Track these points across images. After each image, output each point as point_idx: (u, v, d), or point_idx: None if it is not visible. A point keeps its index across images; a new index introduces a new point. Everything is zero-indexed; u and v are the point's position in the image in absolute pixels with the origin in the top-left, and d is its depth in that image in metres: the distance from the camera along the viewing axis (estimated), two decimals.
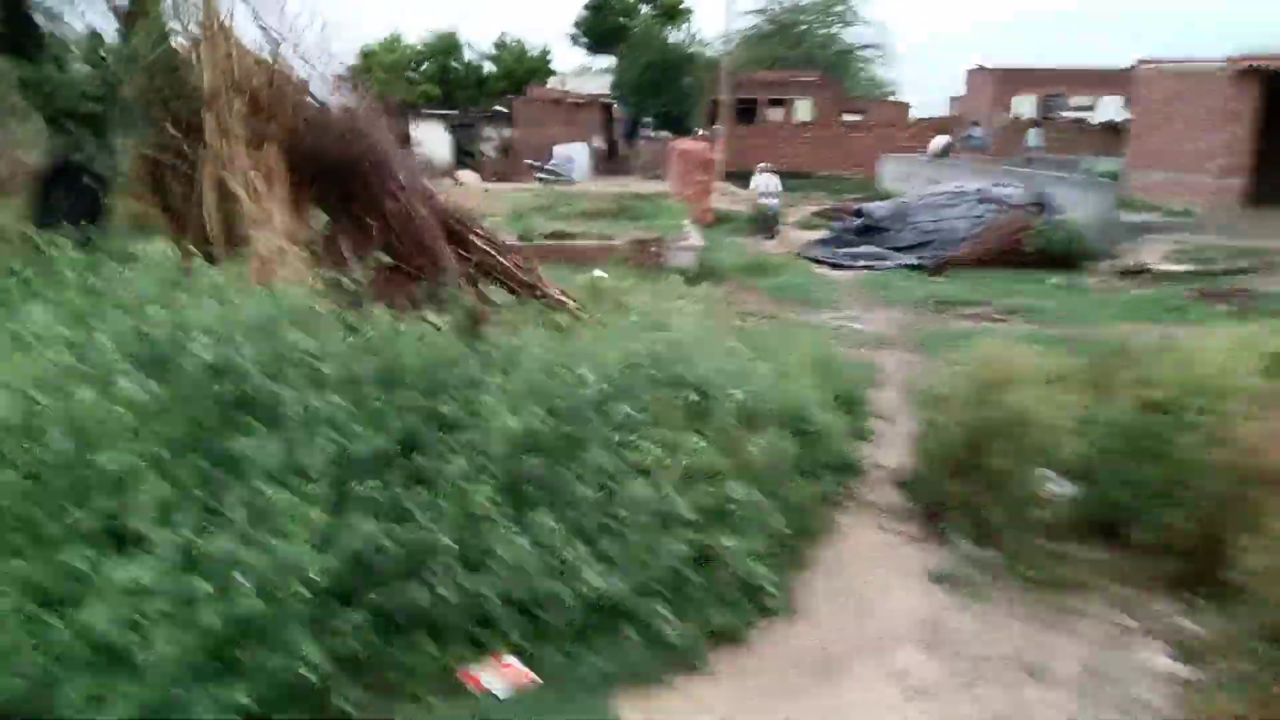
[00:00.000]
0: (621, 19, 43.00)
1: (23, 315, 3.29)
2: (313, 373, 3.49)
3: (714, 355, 5.32)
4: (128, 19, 5.25)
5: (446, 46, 44.41)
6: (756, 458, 4.44)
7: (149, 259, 4.19)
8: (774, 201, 18.33)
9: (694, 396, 4.60)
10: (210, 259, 4.35)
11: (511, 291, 5.91)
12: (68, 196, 5.22)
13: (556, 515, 3.49)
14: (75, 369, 3.00)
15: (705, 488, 4.01)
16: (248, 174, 5.35)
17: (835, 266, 14.94)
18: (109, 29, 5.60)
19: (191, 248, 4.73)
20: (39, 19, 5.36)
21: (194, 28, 5.34)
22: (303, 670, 2.57)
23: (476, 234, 5.90)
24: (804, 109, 35.88)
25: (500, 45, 44.89)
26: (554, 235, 14.01)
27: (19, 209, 5.33)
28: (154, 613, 2.40)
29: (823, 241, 16.75)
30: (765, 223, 18.00)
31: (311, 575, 2.63)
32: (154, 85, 5.16)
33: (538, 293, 5.96)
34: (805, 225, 19.53)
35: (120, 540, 2.63)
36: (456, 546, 3.11)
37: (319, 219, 5.05)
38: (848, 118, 35.12)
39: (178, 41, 5.31)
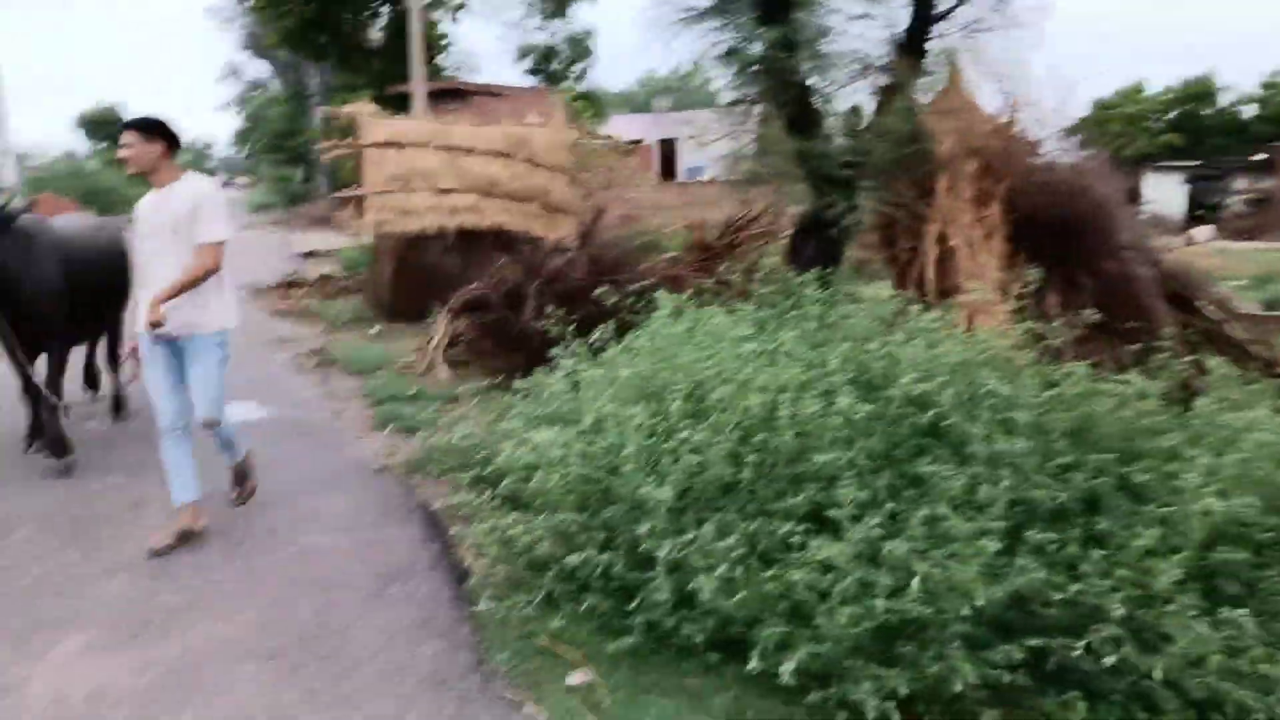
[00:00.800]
0: None
1: (778, 337, 4.14)
2: (1003, 417, 3.64)
3: None
4: (884, 95, 6.10)
5: (1198, 92, 39.97)
6: None
7: (872, 301, 4.81)
8: None
9: None
10: (925, 305, 4.80)
11: (1241, 365, 5.20)
12: (816, 245, 6.28)
13: (1257, 619, 3.02)
14: (808, 383, 3.68)
15: None
16: (969, 230, 5.76)
17: None
18: (866, 104, 6.55)
19: (909, 293, 5.28)
20: (816, 101, 6.52)
21: (938, 100, 5.97)
22: (954, 681, 2.74)
23: (1203, 298, 5.34)
24: None
25: (1270, 85, 38.69)
26: None
27: (782, 253, 6.60)
28: (838, 590, 2.84)
29: None
30: None
31: (977, 601, 2.79)
32: (898, 152, 5.89)
33: (1277, 370, 5.13)
34: None
35: (821, 524, 3.15)
36: (1128, 619, 2.93)
37: (1032, 273, 5.14)
38: None
39: (922, 114, 5.99)
